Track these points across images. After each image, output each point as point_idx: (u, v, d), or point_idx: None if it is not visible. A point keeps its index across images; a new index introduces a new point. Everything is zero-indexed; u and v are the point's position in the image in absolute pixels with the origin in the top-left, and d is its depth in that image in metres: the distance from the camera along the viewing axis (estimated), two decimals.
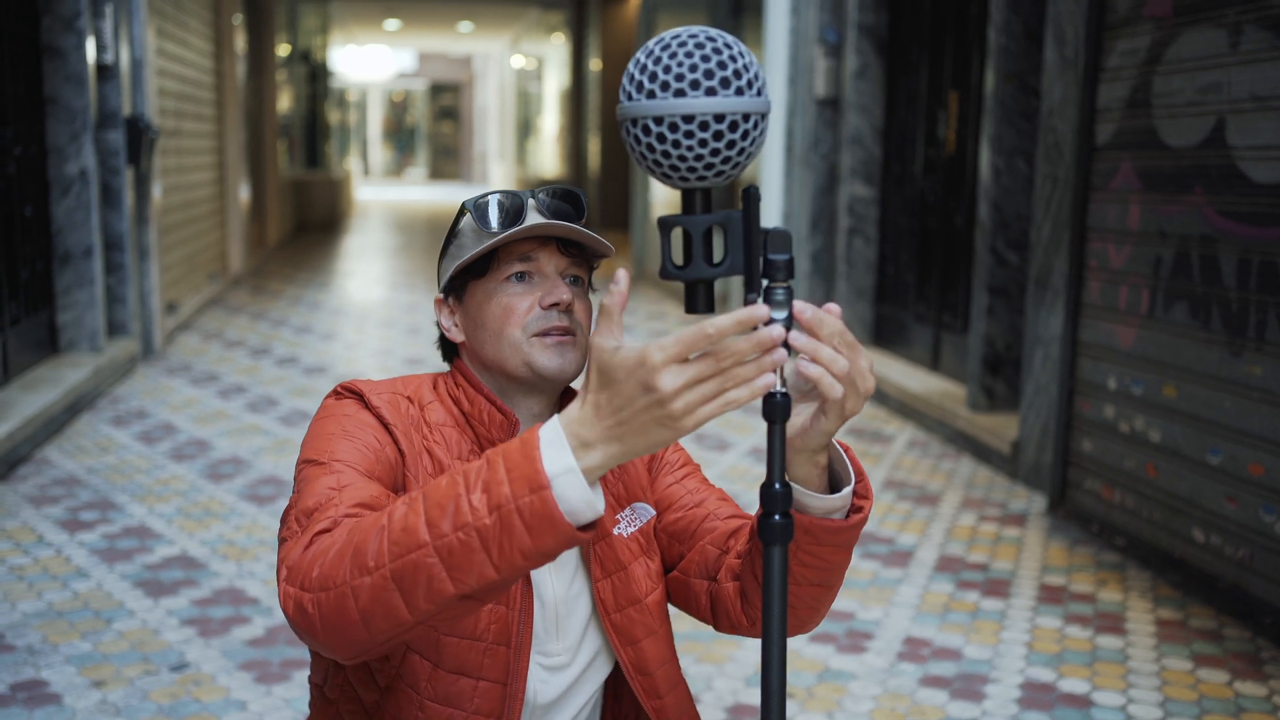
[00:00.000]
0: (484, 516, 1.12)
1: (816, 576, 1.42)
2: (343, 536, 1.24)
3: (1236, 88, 3.69)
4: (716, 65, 1.11)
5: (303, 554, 1.27)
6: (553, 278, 1.54)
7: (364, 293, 11.08)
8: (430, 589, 1.16)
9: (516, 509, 1.11)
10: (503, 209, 1.52)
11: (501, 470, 1.12)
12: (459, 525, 1.13)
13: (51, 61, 6.18)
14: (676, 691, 1.62)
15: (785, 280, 1.19)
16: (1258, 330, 3.59)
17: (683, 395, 1.07)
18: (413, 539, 1.16)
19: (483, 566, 1.13)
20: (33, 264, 6.04)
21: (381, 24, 23.29)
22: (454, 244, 1.58)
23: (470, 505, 1.13)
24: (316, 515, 1.33)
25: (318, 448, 1.45)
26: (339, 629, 1.21)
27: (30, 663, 3.22)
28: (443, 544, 1.14)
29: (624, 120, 1.14)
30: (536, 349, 1.51)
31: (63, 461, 5.08)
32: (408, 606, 1.17)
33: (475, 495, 1.13)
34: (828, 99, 7.58)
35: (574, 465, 1.11)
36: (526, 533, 1.11)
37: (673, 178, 1.15)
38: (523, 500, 1.10)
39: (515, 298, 1.53)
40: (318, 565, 1.24)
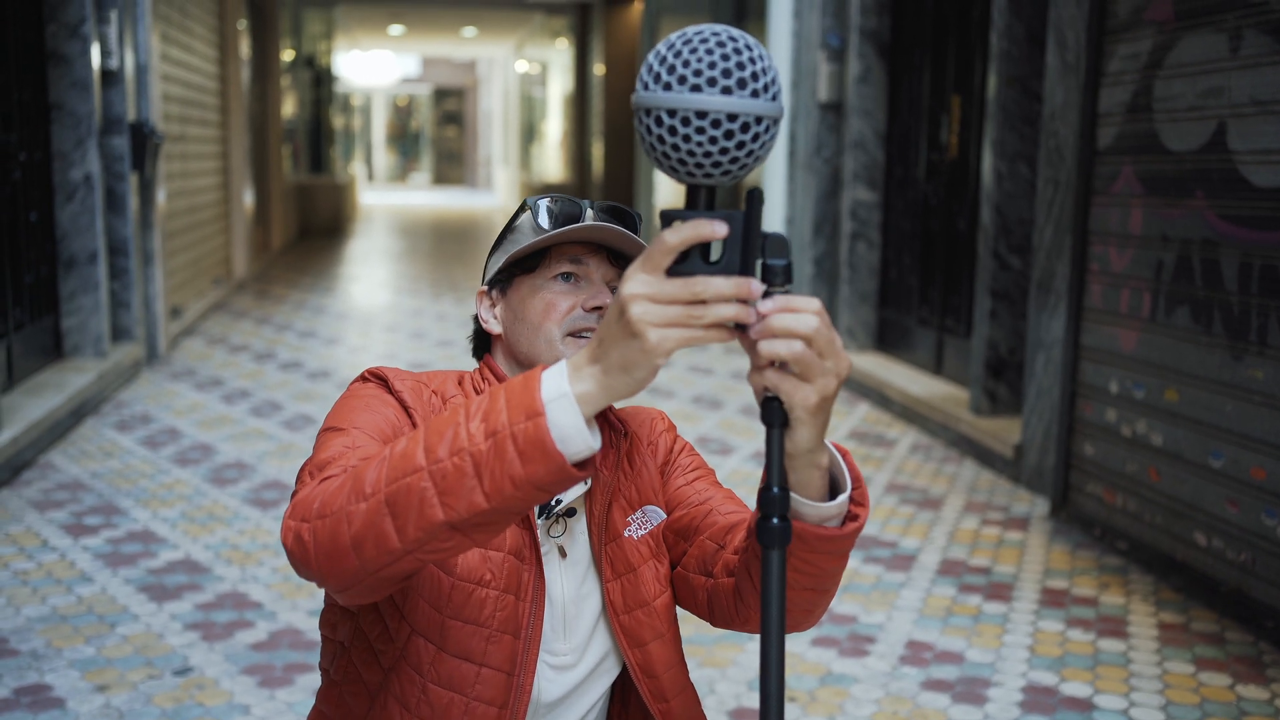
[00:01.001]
0: (479, 442, 1.14)
1: (810, 582, 1.42)
2: (347, 472, 1.27)
3: (1237, 92, 3.69)
4: (735, 65, 1.12)
5: (309, 493, 1.30)
6: (598, 284, 1.57)
7: (368, 297, 11.09)
8: (421, 514, 1.17)
9: (511, 435, 1.13)
10: (560, 210, 1.57)
11: (501, 399, 1.15)
12: (455, 450, 1.16)
13: (56, 67, 6.20)
14: (683, 695, 1.63)
15: (783, 285, 1.20)
16: (1259, 334, 3.60)
17: (652, 323, 1.08)
18: (409, 464, 1.18)
19: (473, 493, 1.15)
20: (37, 269, 6.06)
21: (386, 29, 23.33)
22: (509, 238, 1.63)
23: (468, 431, 1.15)
24: (329, 466, 1.36)
25: (338, 417, 1.49)
26: (331, 555, 1.23)
27: (34, 667, 3.23)
28: (437, 469, 1.16)
29: (638, 109, 1.15)
30: (570, 347, 1.55)
31: (67, 466, 5.09)
32: (398, 532, 1.19)
33: (474, 423, 1.15)
34: (830, 103, 7.59)
35: (568, 390, 1.12)
36: (519, 459, 1.12)
37: (679, 171, 1.16)
38: (517, 426, 1.12)
39: (560, 295, 1.56)
40: (320, 497, 1.27)
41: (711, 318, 1.09)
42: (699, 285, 1.08)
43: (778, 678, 1.25)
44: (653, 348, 1.09)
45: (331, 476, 1.32)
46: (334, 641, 1.58)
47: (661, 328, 1.09)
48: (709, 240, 1.11)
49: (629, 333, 1.10)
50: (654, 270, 1.10)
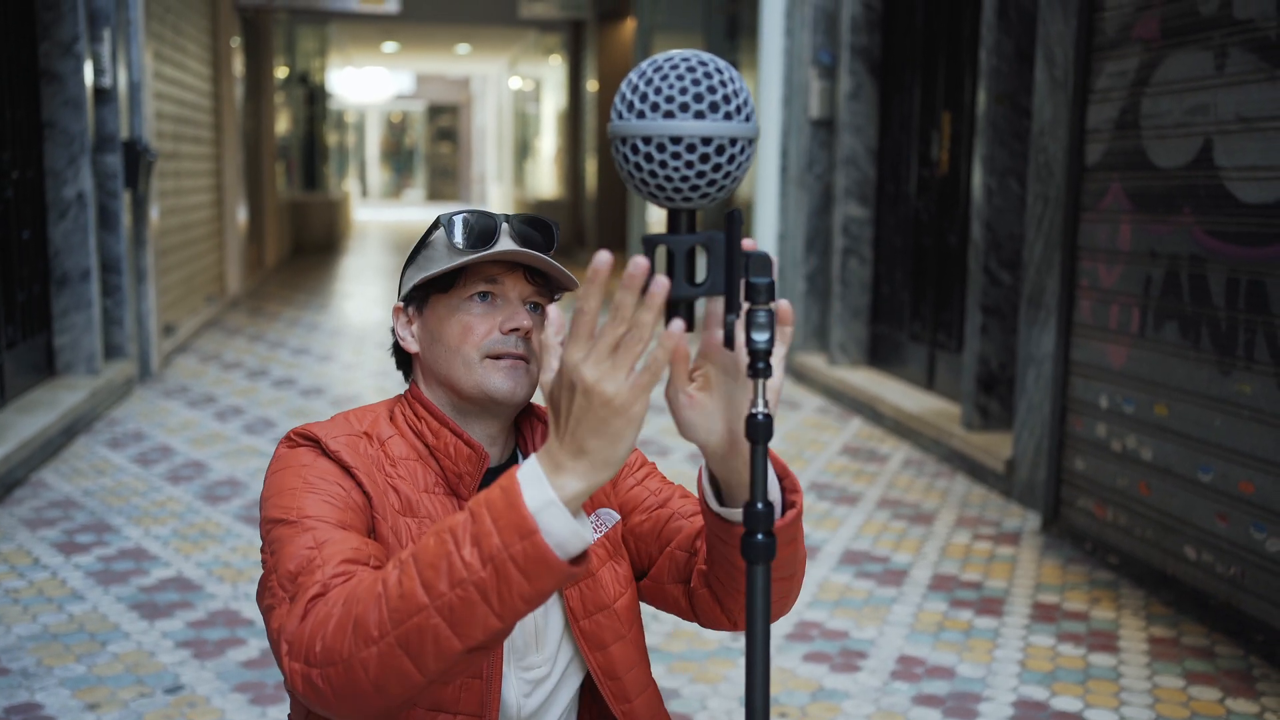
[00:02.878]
0: (479, 570, 1.13)
1: (778, 572, 1.44)
2: (339, 605, 1.24)
3: (1223, 109, 3.72)
4: (706, 89, 1.14)
5: (300, 625, 1.27)
6: (515, 303, 1.55)
7: (362, 314, 11.10)
8: (438, 649, 1.16)
9: (510, 557, 1.12)
10: (475, 228, 1.53)
11: (488, 521, 1.13)
12: (455, 582, 1.14)
13: (49, 86, 6.21)
14: (646, 694, 1.64)
15: (766, 303, 1.22)
16: (1247, 349, 3.62)
17: (609, 377, 1.08)
18: (412, 603, 1.16)
19: (486, 618, 1.14)
20: (30, 287, 6.07)
21: (379, 46, 23.38)
22: (422, 254, 1.59)
23: (463, 561, 1.14)
24: (303, 580, 1.32)
25: (282, 505, 1.43)
26: (353, 699, 1.22)
27: (25, 686, 3.22)
28: (443, 603, 1.15)
29: (614, 138, 1.17)
30: (489, 371, 1.53)
31: (59, 484, 5.09)
32: (418, 669, 1.18)
33: (466, 550, 1.14)
34: (822, 120, 7.62)
35: (553, 498, 1.12)
36: (524, 579, 1.12)
37: (658, 197, 1.17)
38: (514, 548, 1.11)
39: (476, 318, 1.54)
40: (319, 639, 1.24)
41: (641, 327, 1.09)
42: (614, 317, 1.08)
43: (763, 692, 1.26)
44: (634, 406, 1.10)
45: (316, 598, 1.29)
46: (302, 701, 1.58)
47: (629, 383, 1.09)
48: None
49: (610, 411, 1.10)
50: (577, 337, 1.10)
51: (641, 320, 1.08)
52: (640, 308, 1.09)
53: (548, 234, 1.57)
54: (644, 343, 1.09)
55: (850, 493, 5.24)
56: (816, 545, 4.52)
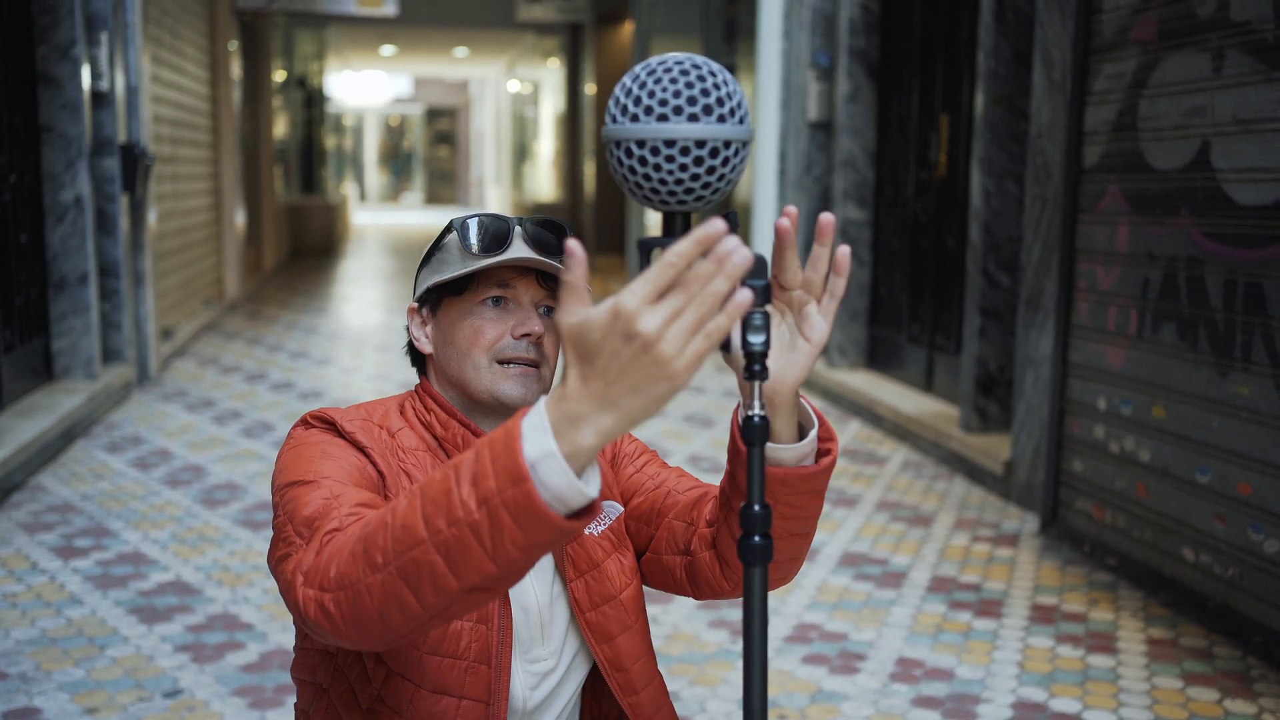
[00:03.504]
0: (473, 511, 1.10)
1: (795, 526, 1.45)
2: (355, 534, 1.24)
3: (1220, 111, 3.72)
4: (700, 92, 1.14)
5: (317, 557, 1.27)
6: (527, 307, 1.57)
7: (360, 317, 11.10)
8: (435, 584, 1.15)
9: (502, 502, 1.08)
10: (489, 232, 1.54)
11: (487, 460, 1.09)
12: (452, 520, 1.12)
13: (47, 89, 6.21)
14: (652, 686, 1.65)
15: (762, 305, 1.22)
16: (1244, 351, 3.62)
17: (668, 332, 1.00)
18: (413, 535, 1.15)
19: (480, 560, 1.12)
20: (27, 291, 6.06)
21: (378, 49, 23.40)
22: (436, 257, 1.60)
23: (461, 499, 1.11)
24: (319, 524, 1.33)
25: (299, 470, 1.44)
26: (360, 625, 1.22)
27: (23, 690, 3.22)
28: (439, 540, 1.13)
29: (608, 142, 1.17)
30: (500, 376, 1.55)
31: (57, 488, 5.09)
32: (418, 601, 1.17)
33: (464, 488, 1.11)
34: (820, 122, 7.63)
35: (553, 449, 1.06)
36: (516, 526, 1.08)
37: (653, 200, 1.18)
38: (506, 494, 1.07)
39: (488, 323, 1.56)
40: (334, 564, 1.24)
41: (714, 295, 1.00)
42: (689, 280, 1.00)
43: (760, 693, 1.26)
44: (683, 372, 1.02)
45: (334, 533, 1.29)
46: (312, 684, 1.58)
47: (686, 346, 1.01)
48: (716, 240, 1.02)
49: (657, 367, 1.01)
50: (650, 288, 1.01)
51: (716, 289, 1.00)
52: (718, 275, 1.00)
53: (561, 236, 1.57)
54: (713, 311, 1.02)
55: (849, 495, 5.24)
56: (815, 547, 4.52)
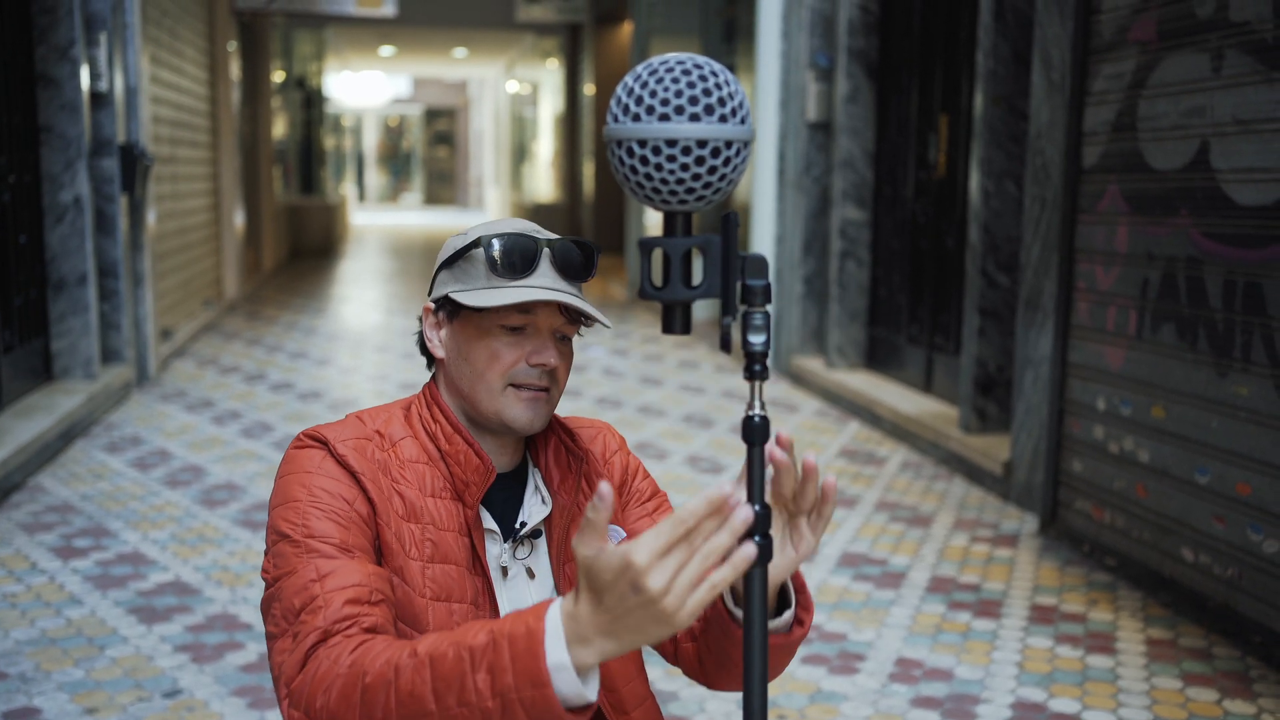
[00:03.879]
0: (487, 699, 1.18)
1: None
2: (344, 668, 1.29)
3: (1219, 111, 3.73)
4: (701, 92, 1.14)
5: (301, 676, 1.32)
6: (545, 335, 1.56)
7: (359, 318, 11.10)
8: None
9: (519, 699, 1.16)
10: (516, 255, 1.53)
11: (506, 657, 1.17)
12: (463, 702, 1.20)
13: (46, 90, 6.21)
14: (643, 707, 1.66)
15: (762, 305, 1.22)
16: (1243, 351, 3.62)
17: (672, 590, 1.10)
18: (420, 706, 1.22)
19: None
20: (27, 291, 6.06)
21: (376, 50, 23.39)
22: (460, 265, 1.57)
23: (475, 685, 1.19)
24: (305, 619, 1.36)
25: (288, 519, 1.46)
26: None
27: (23, 690, 3.22)
28: (447, 716, 1.20)
29: (610, 141, 1.17)
30: (510, 400, 1.55)
31: (56, 488, 5.09)
32: None
33: (480, 676, 1.19)
34: (819, 123, 7.63)
35: (567, 663, 1.16)
36: (527, 718, 1.17)
37: (654, 200, 1.18)
38: (525, 693, 1.16)
39: (505, 347, 1.55)
40: (321, 695, 1.29)
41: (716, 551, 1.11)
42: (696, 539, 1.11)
43: (760, 692, 1.26)
44: (685, 622, 1.12)
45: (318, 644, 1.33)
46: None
47: (688, 599, 1.11)
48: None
49: (660, 617, 1.11)
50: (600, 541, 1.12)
51: (719, 545, 1.11)
52: (722, 531, 1.11)
53: (589, 259, 1.57)
54: (714, 566, 1.12)
55: (848, 495, 5.24)
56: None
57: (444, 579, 1.52)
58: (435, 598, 1.51)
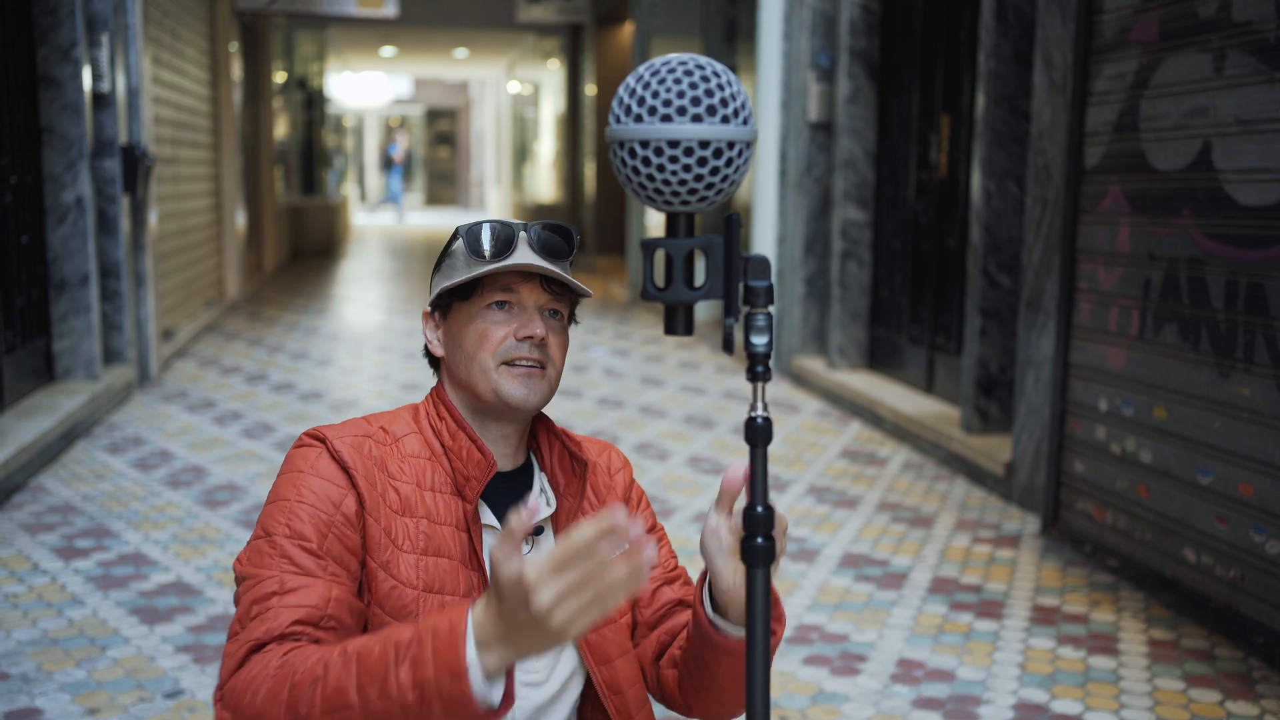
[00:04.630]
0: (408, 691, 1.21)
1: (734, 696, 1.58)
2: (274, 668, 1.32)
3: (1222, 111, 3.72)
4: (704, 93, 1.14)
5: (234, 677, 1.35)
6: (531, 310, 1.59)
7: (361, 318, 11.10)
8: None
9: (438, 692, 1.19)
10: (493, 238, 1.57)
11: (429, 650, 1.20)
12: (384, 694, 1.22)
13: (48, 91, 6.21)
14: (645, 710, 1.68)
15: (765, 306, 1.22)
16: (1246, 351, 3.62)
17: (559, 608, 1.13)
18: (343, 699, 1.25)
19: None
20: (29, 292, 6.06)
21: (378, 51, 23.40)
22: (446, 263, 1.64)
23: (397, 679, 1.21)
24: (253, 625, 1.40)
25: (274, 517, 1.50)
26: None
27: (25, 691, 3.22)
28: (369, 710, 1.23)
29: (612, 142, 1.17)
30: (504, 377, 1.58)
31: (58, 489, 5.09)
32: None
33: (403, 669, 1.21)
34: (821, 123, 7.62)
35: (476, 663, 1.19)
36: (444, 713, 1.20)
37: (657, 201, 1.18)
38: (444, 685, 1.19)
39: (493, 325, 1.58)
40: (249, 693, 1.32)
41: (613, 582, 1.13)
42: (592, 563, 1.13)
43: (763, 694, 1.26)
44: (570, 637, 1.16)
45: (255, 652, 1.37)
46: None
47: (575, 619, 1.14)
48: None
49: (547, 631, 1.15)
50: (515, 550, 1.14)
51: (614, 575, 1.13)
52: (621, 561, 1.13)
53: (568, 240, 1.61)
54: (608, 592, 1.14)
55: (849, 496, 5.24)
56: (816, 549, 4.52)
57: (436, 571, 1.54)
58: (427, 589, 1.53)
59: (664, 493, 5.21)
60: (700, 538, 1.45)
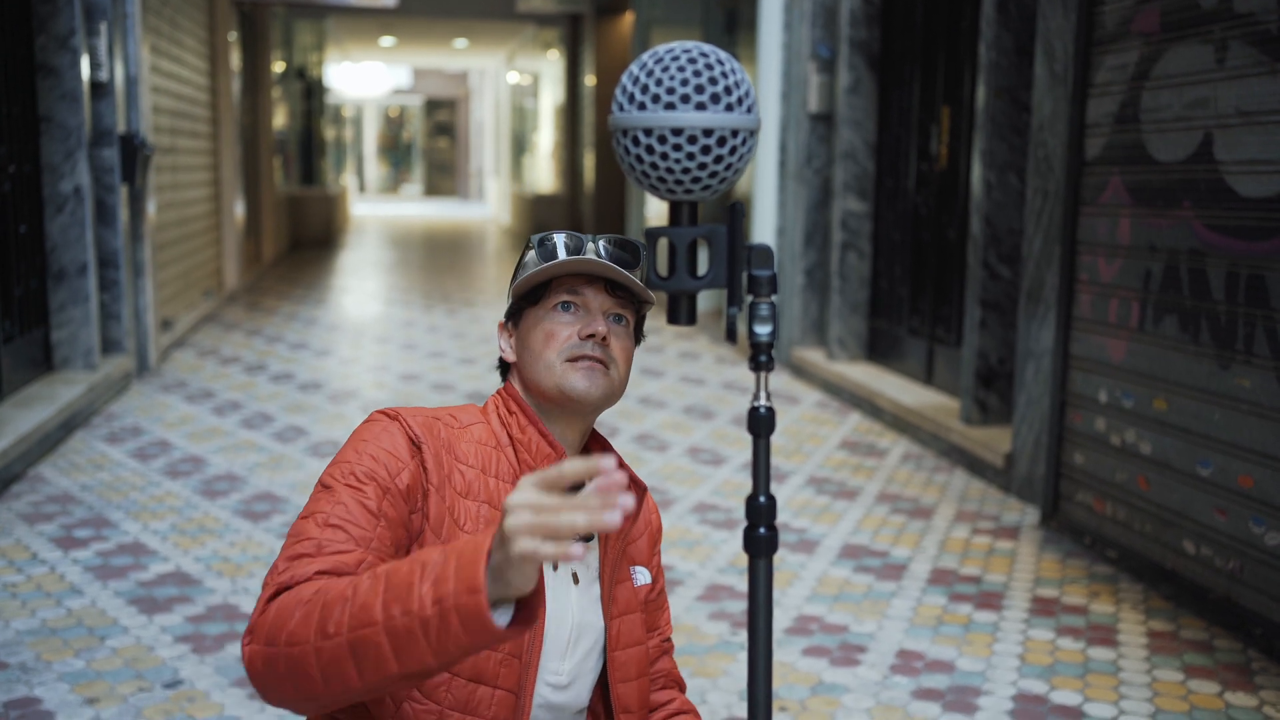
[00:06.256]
0: (428, 607, 1.22)
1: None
2: (307, 595, 1.35)
3: (1223, 103, 3.72)
4: (707, 81, 1.14)
5: (261, 616, 1.38)
6: (595, 313, 1.65)
7: (360, 308, 11.09)
8: (377, 664, 1.26)
9: (455, 605, 1.21)
10: (565, 242, 1.65)
11: (451, 567, 1.22)
12: (406, 611, 1.23)
13: (46, 80, 6.20)
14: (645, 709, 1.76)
15: (768, 295, 1.22)
16: (1246, 343, 3.61)
17: (515, 514, 1.18)
18: (369, 615, 1.26)
19: (423, 653, 1.23)
20: (27, 281, 6.05)
21: (377, 40, 23.35)
22: (519, 274, 1.71)
23: (420, 595, 1.23)
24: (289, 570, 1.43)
25: (332, 473, 1.55)
26: (299, 682, 1.32)
27: (24, 680, 3.22)
28: (392, 625, 1.24)
29: (615, 130, 1.17)
30: (568, 372, 1.63)
31: (57, 479, 5.08)
32: (358, 675, 1.28)
33: (426, 586, 1.23)
34: (821, 114, 7.61)
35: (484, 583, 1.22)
36: (461, 629, 1.21)
37: (660, 189, 1.18)
38: (461, 599, 1.20)
39: (559, 325, 1.64)
40: (282, 622, 1.34)
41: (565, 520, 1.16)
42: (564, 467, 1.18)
43: (765, 684, 1.26)
44: (515, 550, 1.18)
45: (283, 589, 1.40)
46: None
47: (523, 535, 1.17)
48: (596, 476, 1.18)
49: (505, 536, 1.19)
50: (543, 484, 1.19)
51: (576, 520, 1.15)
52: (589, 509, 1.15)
53: (634, 254, 1.66)
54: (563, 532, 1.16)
55: (849, 487, 5.24)
56: (816, 539, 4.52)
57: None
58: None
59: (663, 484, 5.21)
60: None
